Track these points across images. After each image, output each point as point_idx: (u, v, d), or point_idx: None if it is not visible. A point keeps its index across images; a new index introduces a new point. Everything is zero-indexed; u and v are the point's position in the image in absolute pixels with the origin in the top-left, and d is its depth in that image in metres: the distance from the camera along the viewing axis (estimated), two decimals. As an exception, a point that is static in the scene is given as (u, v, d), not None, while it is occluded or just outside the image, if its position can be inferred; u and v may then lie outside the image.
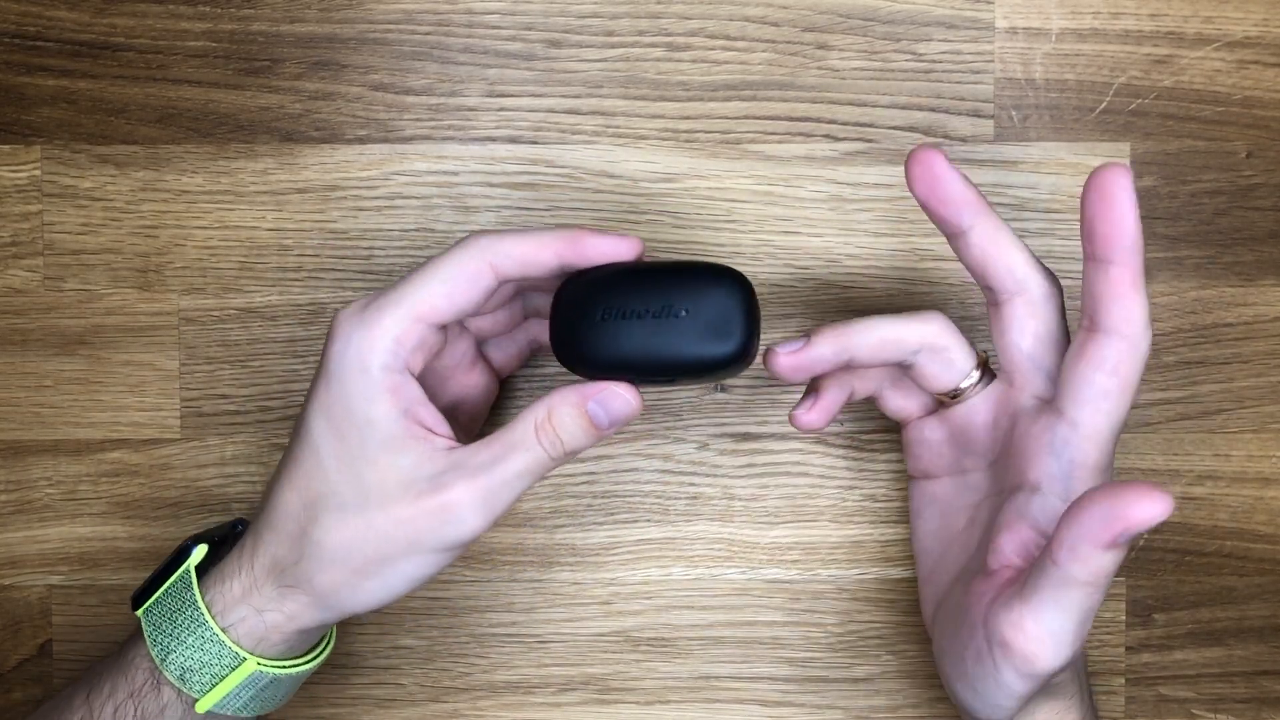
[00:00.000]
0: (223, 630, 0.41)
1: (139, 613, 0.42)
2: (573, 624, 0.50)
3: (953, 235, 0.41)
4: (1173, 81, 0.49)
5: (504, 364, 0.47)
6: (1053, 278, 0.41)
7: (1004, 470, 0.42)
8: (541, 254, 0.40)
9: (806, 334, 0.42)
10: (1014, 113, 0.49)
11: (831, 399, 0.44)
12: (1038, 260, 0.41)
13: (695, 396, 0.50)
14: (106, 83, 0.49)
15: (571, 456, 0.40)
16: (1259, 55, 0.49)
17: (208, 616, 0.41)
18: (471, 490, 0.39)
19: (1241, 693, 0.51)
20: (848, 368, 0.43)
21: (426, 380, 0.43)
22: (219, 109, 0.49)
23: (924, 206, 0.41)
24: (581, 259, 0.40)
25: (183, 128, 0.49)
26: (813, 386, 0.45)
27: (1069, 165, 0.49)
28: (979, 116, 0.49)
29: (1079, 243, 0.49)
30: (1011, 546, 0.40)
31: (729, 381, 0.50)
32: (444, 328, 0.41)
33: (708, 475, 0.50)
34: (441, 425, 0.41)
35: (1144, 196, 0.50)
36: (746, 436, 0.50)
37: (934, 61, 0.49)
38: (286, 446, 0.42)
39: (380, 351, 0.39)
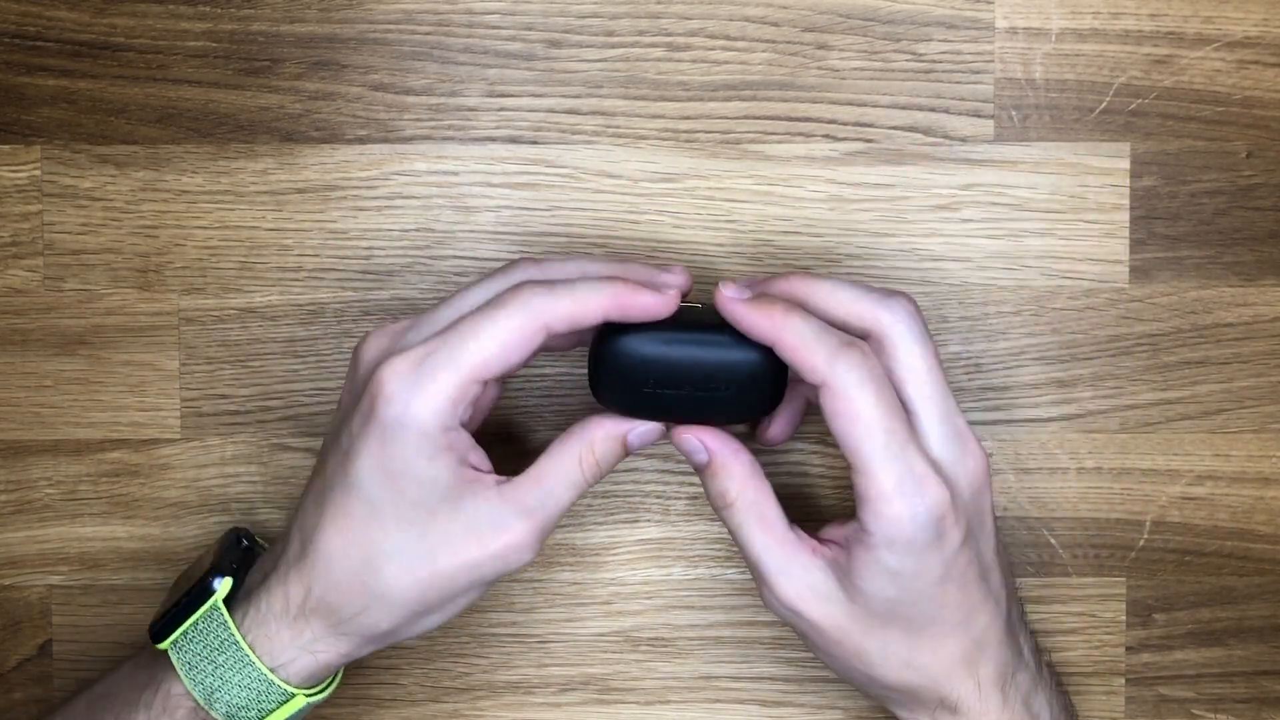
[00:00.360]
0: (271, 670, 0.41)
1: (165, 646, 0.42)
2: (573, 624, 0.50)
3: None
4: (1173, 81, 0.49)
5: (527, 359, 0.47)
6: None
7: None
8: (589, 314, 0.40)
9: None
10: (1014, 113, 0.49)
11: (789, 412, 0.47)
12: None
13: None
14: (106, 83, 0.49)
15: (602, 478, 0.43)
16: (1259, 55, 0.49)
17: (254, 658, 0.41)
18: (530, 529, 0.41)
19: (1241, 693, 0.51)
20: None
21: None
22: (219, 109, 0.49)
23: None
24: (625, 316, 0.41)
25: (183, 128, 0.49)
26: None
27: (1069, 165, 0.49)
28: (979, 116, 0.49)
29: (1079, 242, 0.49)
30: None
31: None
32: None
33: (708, 475, 0.50)
34: (485, 461, 0.42)
35: (1144, 196, 0.50)
36: (747, 436, 0.50)
37: (934, 61, 0.49)
38: (321, 485, 0.42)
39: (439, 413, 0.39)
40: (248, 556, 0.45)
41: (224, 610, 0.42)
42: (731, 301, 0.41)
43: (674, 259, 0.49)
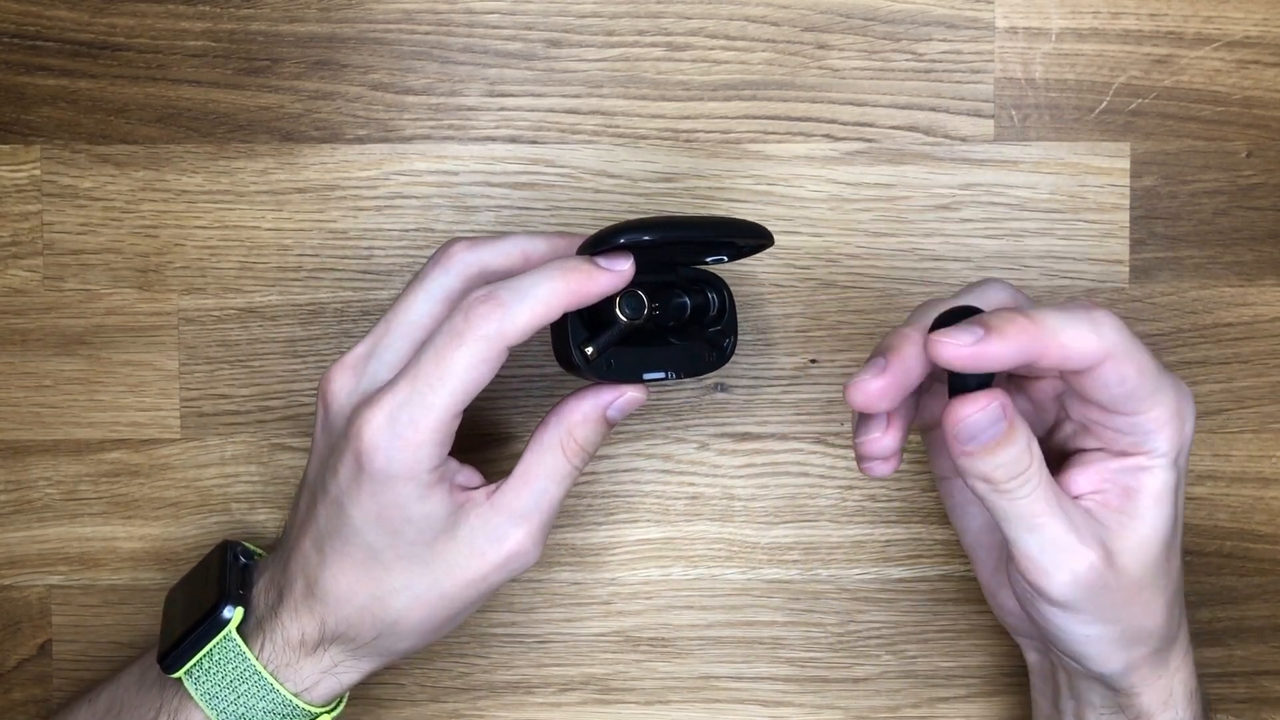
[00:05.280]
0: (296, 695, 0.41)
1: (180, 675, 0.42)
2: (573, 624, 0.50)
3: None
4: (1173, 81, 0.49)
5: None
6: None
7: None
8: (549, 316, 0.39)
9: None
10: (1014, 113, 0.49)
11: (898, 434, 0.41)
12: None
13: (695, 396, 0.50)
14: (106, 83, 0.49)
15: (591, 459, 0.42)
16: (1259, 55, 0.49)
17: (278, 686, 0.41)
18: (529, 532, 0.41)
19: (1241, 693, 0.51)
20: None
21: None
22: (219, 109, 0.49)
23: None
24: (585, 304, 0.40)
25: (183, 128, 0.49)
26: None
27: (1069, 165, 0.49)
28: (979, 116, 0.49)
29: (1079, 242, 0.49)
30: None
31: (729, 381, 0.50)
32: None
33: (708, 475, 0.50)
34: (475, 477, 0.42)
35: (1144, 196, 0.50)
36: (746, 436, 0.50)
37: (934, 61, 0.49)
38: (317, 529, 0.41)
39: (427, 459, 0.39)
40: (247, 573, 0.44)
41: (240, 641, 0.41)
42: (963, 351, 0.36)
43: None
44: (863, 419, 0.41)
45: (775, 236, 0.43)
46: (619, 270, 0.40)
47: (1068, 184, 0.49)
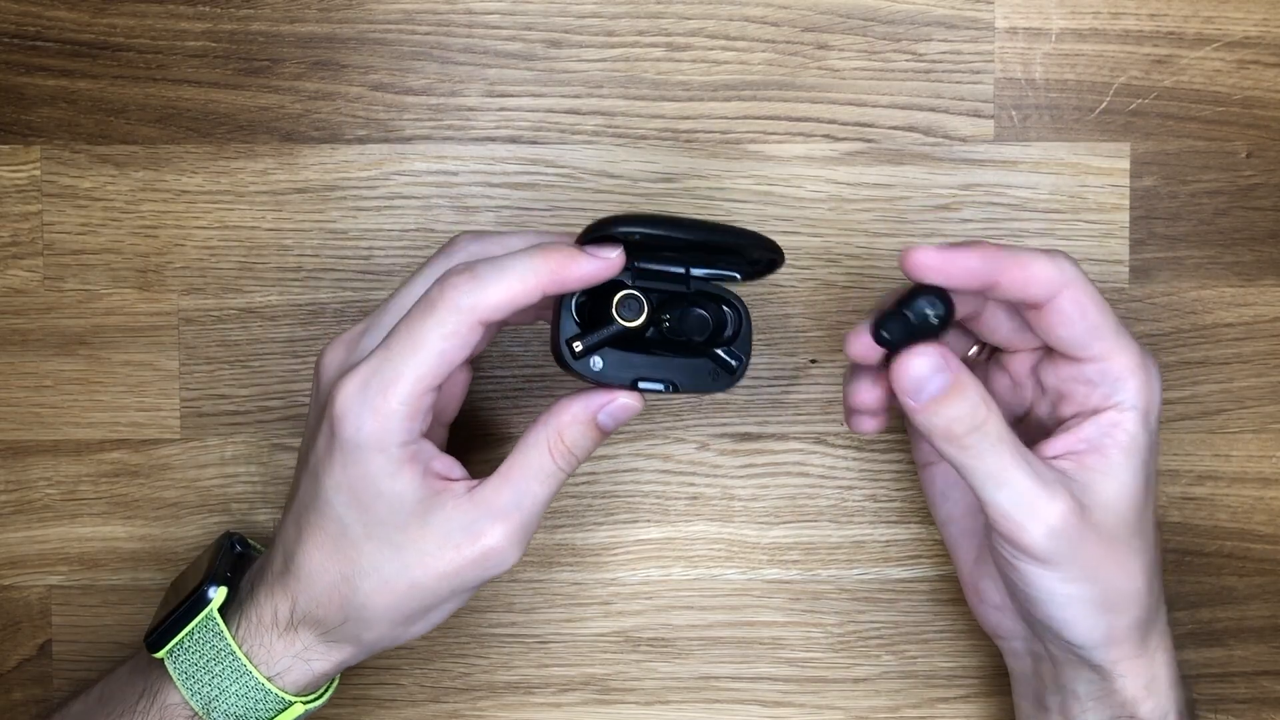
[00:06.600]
0: (268, 679, 0.41)
1: (162, 655, 0.42)
2: (573, 624, 0.50)
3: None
4: (1173, 81, 0.49)
5: (474, 351, 0.46)
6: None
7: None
8: (526, 295, 0.39)
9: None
10: (1014, 113, 0.49)
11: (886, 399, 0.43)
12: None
13: (695, 396, 0.50)
14: (106, 83, 0.49)
15: (581, 463, 0.42)
16: (1259, 55, 0.49)
17: (251, 668, 0.41)
18: (507, 531, 0.40)
19: (1242, 693, 0.51)
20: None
21: None
22: (219, 109, 0.49)
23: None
24: (565, 288, 0.39)
25: (183, 128, 0.49)
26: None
27: (1069, 165, 0.49)
28: (979, 116, 0.49)
29: (1079, 242, 0.49)
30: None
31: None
32: None
33: (708, 475, 0.50)
34: (455, 469, 0.41)
35: (1144, 196, 0.50)
36: (746, 436, 0.50)
37: (934, 61, 0.49)
38: (297, 504, 0.41)
39: (395, 431, 0.39)
40: (241, 562, 0.44)
41: (219, 620, 0.41)
42: (930, 255, 0.38)
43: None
44: (853, 374, 0.42)
45: (777, 240, 0.42)
46: (604, 259, 0.39)
47: (1068, 184, 0.49)
